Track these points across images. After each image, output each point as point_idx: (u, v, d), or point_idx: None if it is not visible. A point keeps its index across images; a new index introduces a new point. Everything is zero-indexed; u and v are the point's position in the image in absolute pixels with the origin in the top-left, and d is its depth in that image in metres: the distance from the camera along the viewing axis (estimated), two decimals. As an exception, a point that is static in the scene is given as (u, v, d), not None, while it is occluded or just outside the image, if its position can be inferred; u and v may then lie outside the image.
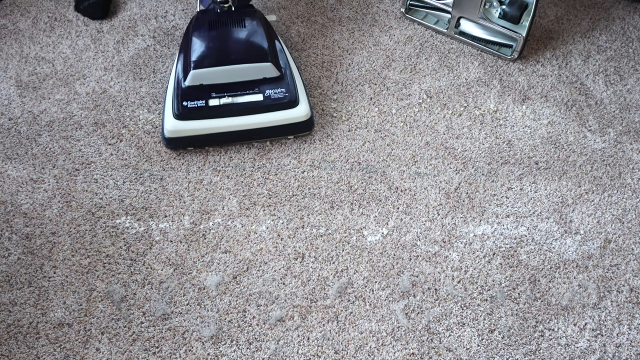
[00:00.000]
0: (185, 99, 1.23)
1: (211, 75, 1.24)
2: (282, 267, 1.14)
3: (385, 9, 1.55)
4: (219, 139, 1.26)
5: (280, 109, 1.25)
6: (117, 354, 1.04)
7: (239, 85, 1.25)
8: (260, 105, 1.24)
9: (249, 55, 1.26)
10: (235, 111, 1.24)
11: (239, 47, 1.28)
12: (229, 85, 1.25)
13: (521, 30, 1.41)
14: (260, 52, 1.26)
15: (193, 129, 1.23)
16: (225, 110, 1.24)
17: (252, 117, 1.24)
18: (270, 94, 1.25)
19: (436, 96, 1.39)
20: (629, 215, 1.22)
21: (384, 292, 1.11)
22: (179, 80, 1.26)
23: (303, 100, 1.27)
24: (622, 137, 1.33)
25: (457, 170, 1.27)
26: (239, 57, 1.25)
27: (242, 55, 1.26)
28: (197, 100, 1.23)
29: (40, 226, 1.18)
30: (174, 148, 1.27)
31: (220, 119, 1.24)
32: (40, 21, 1.50)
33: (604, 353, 1.06)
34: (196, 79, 1.24)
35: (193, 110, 1.23)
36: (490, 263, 1.15)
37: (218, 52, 1.26)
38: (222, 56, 1.25)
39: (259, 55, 1.26)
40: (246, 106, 1.24)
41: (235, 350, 1.05)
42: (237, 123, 1.24)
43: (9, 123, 1.32)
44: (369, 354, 1.05)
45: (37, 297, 1.10)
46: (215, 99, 1.24)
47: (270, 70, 1.26)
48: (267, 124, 1.25)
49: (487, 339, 1.07)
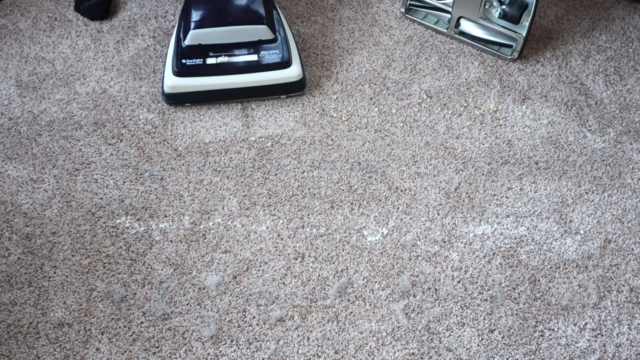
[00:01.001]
0: (185, 57, 1.31)
1: (209, 35, 1.31)
2: (282, 267, 1.14)
3: (385, 9, 1.55)
4: (215, 95, 1.33)
5: (273, 69, 1.32)
6: (117, 354, 1.04)
7: (236, 46, 1.32)
8: (255, 64, 1.31)
9: (246, 17, 1.33)
10: (231, 69, 1.31)
11: (237, 10, 1.35)
12: (226, 45, 1.32)
13: (521, 30, 1.41)
14: (257, 15, 1.34)
15: (191, 85, 1.30)
16: (222, 69, 1.31)
17: (247, 76, 1.31)
18: (264, 54, 1.32)
19: (436, 96, 1.39)
20: (629, 215, 1.22)
21: (384, 292, 1.11)
22: (179, 39, 1.33)
23: (295, 62, 1.34)
24: (622, 137, 1.33)
25: (457, 170, 1.27)
26: (237, 19, 1.32)
27: (240, 17, 1.33)
28: (195, 58, 1.31)
29: (40, 226, 1.18)
30: (173, 103, 1.33)
31: (217, 77, 1.30)
32: (40, 21, 1.50)
33: (604, 353, 1.06)
34: (195, 39, 1.31)
35: (191, 68, 1.30)
36: (490, 263, 1.15)
37: (217, 14, 1.33)
38: (220, 18, 1.32)
39: (255, 18, 1.33)
40: (241, 65, 1.31)
41: (235, 350, 1.05)
42: (233, 81, 1.31)
43: (9, 123, 1.32)
44: (369, 354, 1.05)
45: (37, 297, 1.10)
46: (213, 58, 1.31)
47: (265, 32, 1.33)
48: (261, 83, 1.32)
49: (487, 339, 1.07)
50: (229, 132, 1.31)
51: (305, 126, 1.33)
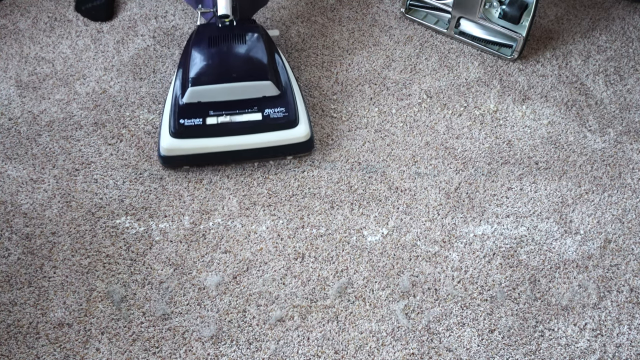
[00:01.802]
0: (183, 116, 1.21)
1: (209, 92, 1.21)
2: (282, 267, 1.14)
3: (385, 9, 1.55)
4: (216, 158, 1.24)
5: (279, 129, 1.22)
6: (117, 354, 1.04)
7: (238, 104, 1.23)
8: (259, 124, 1.21)
9: (249, 73, 1.23)
10: (233, 130, 1.21)
11: (239, 64, 1.24)
12: (228, 103, 1.23)
13: (521, 30, 1.41)
14: (260, 70, 1.23)
15: (189, 148, 1.20)
16: (223, 129, 1.21)
17: (250, 137, 1.22)
18: (269, 113, 1.22)
19: (436, 96, 1.39)
20: (629, 215, 1.22)
21: (384, 292, 1.11)
22: (176, 96, 1.24)
23: (303, 120, 1.24)
24: (622, 137, 1.33)
25: (457, 170, 1.27)
26: (239, 74, 1.22)
27: (242, 72, 1.23)
28: (194, 118, 1.21)
29: (40, 226, 1.18)
30: (170, 166, 1.24)
31: (218, 138, 1.21)
32: (40, 21, 1.50)
33: (604, 353, 1.06)
34: (194, 96, 1.21)
35: (190, 129, 1.20)
36: (490, 263, 1.15)
37: (217, 69, 1.23)
38: (221, 73, 1.22)
39: (259, 73, 1.23)
40: (244, 125, 1.21)
41: (235, 350, 1.05)
42: (235, 143, 1.21)
43: (9, 123, 1.32)
44: (369, 354, 1.05)
45: (37, 297, 1.10)
46: (213, 117, 1.21)
47: (270, 88, 1.23)
48: (265, 144, 1.22)
49: (487, 339, 1.07)
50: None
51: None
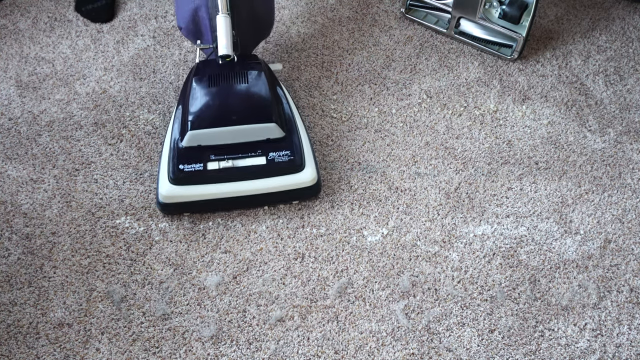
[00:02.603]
0: (182, 161, 1.15)
1: (210, 136, 1.16)
2: (282, 267, 1.14)
3: (385, 9, 1.55)
4: (218, 205, 1.18)
5: (284, 174, 1.16)
6: (117, 354, 1.04)
7: (241, 147, 1.17)
8: (263, 169, 1.16)
9: (252, 115, 1.17)
10: (235, 176, 1.15)
11: (241, 105, 1.19)
12: (230, 146, 1.17)
13: (521, 30, 1.41)
14: (264, 112, 1.18)
15: (190, 195, 1.15)
16: (225, 175, 1.15)
17: (254, 183, 1.16)
18: (274, 156, 1.16)
19: (436, 96, 1.39)
20: (629, 215, 1.22)
21: (384, 292, 1.11)
22: (175, 140, 1.18)
23: (309, 164, 1.18)
24: (622, 137, 1.33)
25: (457, 170, 1.27)
26: (241, 117, 1.16)
27: (244, 115, 1.17)
28: (194, 163, 1.15)
29: (40, 226, 1.18)
30: (170, 214, 1.19)
31: (219, 184, 1.15)
32: (40, 21, 1.50)
33: (604, 353, 1.06)
34: (194, 140, 1.16)
35: (190, 175, 1.14)
36: (490, 263, 1.15)
37: (218, 111, 1.18)
38: (222, 116, 1.17)
39: (262, 115, 1.17)
40: (248, 170, 1.15)
41: (235, 350, 1.05)
42: (238, 189, 1.15)
43: (9, 123, 1.32)
44: (369, 354, 1.05)
45: (37, 297, 1.10)
46: (215, 162, 1.15)
47: (275, 131, 1.17)
48: (270, 190, 1.16)
49: (487, 339, 1.07)
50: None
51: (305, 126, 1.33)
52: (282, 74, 1.41)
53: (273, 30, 1.49)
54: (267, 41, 1.47)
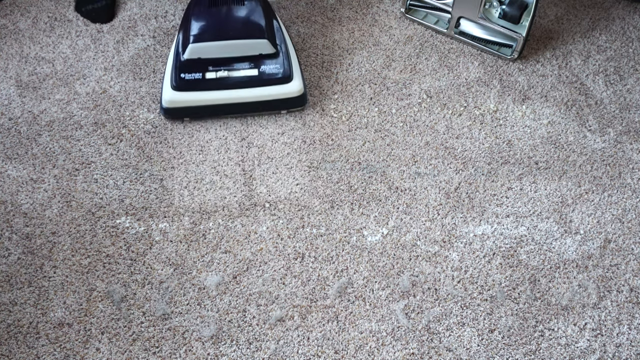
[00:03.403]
0: (183, 71, 1.28)
1: (209, 49, 1.28)
2: (282, 267, 1.14)
3: (385, 9, 1.55)
4: (214, 110, 1.31)
5: (274, 84, 1.30)
6: (117, 354, 1.04)
7: (236, 60, 1.30)
8: (255, 79, 1.29)
9: (246, 31, 1.30)
10: (230, 84, 1.29)
11: (237, 23, 1.32)
12: (226, 59, 1.30)
13: (521, 30, 1.41)
14: (257, 29, 1.31)
15: (189, 100, 1.28)
16: (221, 83, 1.28)
17: (247, 91, 1.29)
18: (265, 69, 1.30)
19: (436, 96, 1.39)
20: (629, 215, 1.22)
21: (384, 292, 1.11)
22: (178, 53, 1.30)
23: (297, 77, 1.31)
24: (622, 137, 1.33)
25: (457, 170, 1.27)
26: (237, 32, 1.30)
27: (240, 31, 1.30)
28: (194, 72, 1.28)
29: (40, 226, 1.18)
30: (171, 118, 1.32)
31: (216, 92, 1.28)
32: (40, 21, 1.50)
33: (604, 353, 1.06)
34: (194, 53, 1.28)
35: (190, 82, 1.28)
36: (490, 263, 1.15)
37: (216, 27, 1.31)
38: (220, 31, 1.30)
39: (255, 31, 1.30)
40: (241, 80, 1.29)
41: (235, 350, 1.05)
42: (232, 96, 1.29)
43: (9, 123, 1.32)
44: (369, 354, 1.05)
45: (37, 297, 1.10)
46: (212, 72, 1.29)
47: (266, 46, 1.30)
48: (261, 98, 1.30)
49: (487, 339, 1.07)
50: (229, 131, 1.31)
51: (305, 126, 1.33)
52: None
53: None
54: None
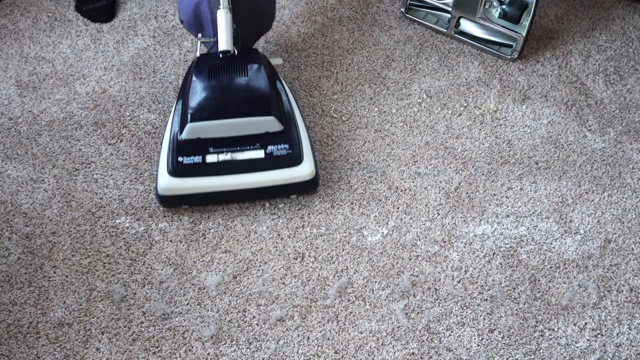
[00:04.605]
0: (181, 153, 1.15)
1: (209, 128, 1.16)
2: (282, 267, 1.14)
3: (385, 9, 1.55)
4: (217, 198, 1.19)
5: (282, 167, 1.16)
6: (117, 353, 1.04)
7: (239, 140, 1.17)
8: (262, 162, 1.16)
9: (251, 108, 1.17)
10: (234, 168, 1.16)
11: (240, 98, 1.19)
12: (229, 139, 1.17)
13: (521, 30, 1.41)
14: (263, 105, 1.18)
15: (189, 187, 1.15)
16: (224, 168, 1.15)
17: (252, 176, 1.16)
18: (272, 150, 1.16)
19: (436, 96, 1.39)
20: (629, 215, 1.22)
21: (384, 292, 1.11)
22: (175, 132, 1.18)
23: (308, 157, 1.18)
24: (622, 137, 1.33)
25: (457, 170, 1.27)
26: (240, 109, 1.17)
27: (244, 107, 1.17)
28: (193, 155, 1.15)
29: (40, 226, 1.18)
30: (169, 206, 1.19)
31: (218, 177, 1.15)
32: (40, 21, 1.50)
33: (604, 353, 1.06)
34: (193, 132, 1.16)
35: (189, 167, 1.14)
36: (490, 263, 1.15)
37: (217, 103, 1.18)
38: (221, 108, 1.17)
39: (261, 108, 1.17)
40: (246, 163, 1.15)
41: (235, 350, 1.05)
42: (236, 182, 1.16)
43: (9, 123, 1.32)
44: (369, 353, 1.05)
45: (37, 297, 1.10)
46: (214, 155, 1.15)
47: (273, 124, 1.17)
48: (268, 183, 1.17)
49: (487, 338, 1.07)
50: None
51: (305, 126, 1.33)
52: (282, 72, 1.41)
53: (273, 30, 1.49)
54: (267, 41, 1.47)
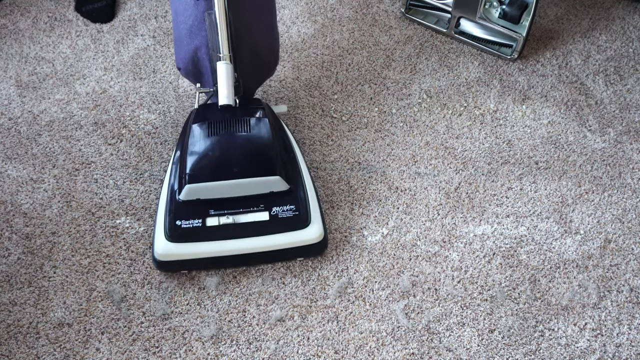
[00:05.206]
0: (179, 217, 1.07)
1: (210, 190, 1.08)
2: (282, 267, 1.14)
3: (385, 9, 1.55)
4: (218, 263, 1.11)
5: (289, 230, 1.09)
6: (117, 354, 1.04)
7: (242, 201, 1.09)
8: (266, 225, 1.08)
9: (255, 167, 1.09)
10: (236, 233, 1.08)
11: (243, 157, 1.10)
12: (231, 200, 1.09)
13: (521, 30, 1.41)
14: (268, 164, 1.10)
15: (187, 253, 1.07)
16: (225, 232, 1.08)
17: (256, 240, 1.08)
18: (277, 211, 1.09)
19: (436, 96, 1.39)
20: (629, 215, 1.22)
21: (384, 292, 1.11)
22: (172, 192, 1.11)
23: (316, 219, 1.10)
24: (622, 137, 1.33)
25: (457, 170, 1.27)
26: (243, 169, 1.08)
27: (247, 167, 1.09)
28: (192, 218, 1.07)
29: (40, 226, 1.18)
30: (166, 271, 1.12)
31: (219, 242, 1.08)
32: (40, 21, 1.50)
33: (604, 353, 1.06)
34: (192, 194, 1.08)
35: (188, 232, 1.07)
36: (490, 263, 1.15)
37: (218, 163, 1.09)
38: (223, 168, 1.09)
39: (266, 167, 1.09)
40: (249, 227, 1.08)
41: (235, 350, 1.05)
42: (239, 247, 1.08)
43: (9, 123, 1.32)
44: (369, 354, 1.05)
45: (37, 297, 1.10)
46: (214, 217, 1.08)
47: (279, 184, 1.10)
48: (273, 248, 1.09)
49: (487, 339, 1.07)
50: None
51: (305, 126, 1.33)
52: (282, 75, 1.41)
53: None
54: (267, 41, 1.47)
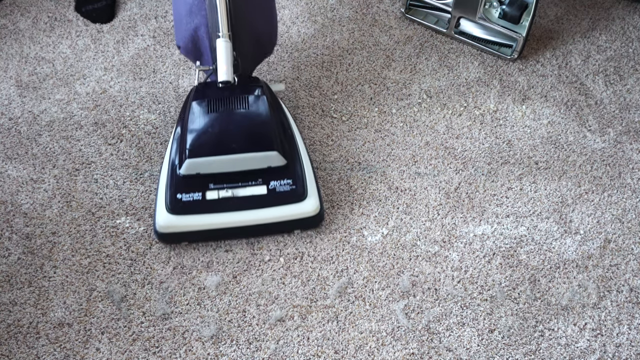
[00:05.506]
0: (180, 190, 1.12)
1: (209, 164, 1.12)
2: (282, 267, 1.14)
3: (385, 9, 1.55)
4: (217, 235, 1.15)
5: (286, 203, 1.13)
6: (117, 354, 1.04)
7: (241, 175, 1.13)
8: (264, 198, 1.12)
9: (253, 142, 1.13)
10: (235, 205, 1.12)
11: (242, 133, 1.14)
12: (230, 175, 1.13)
13: (521, 30, 1.41)
14: (265, 139, 1.13)
15: (188, 225, 1.11)
16: (225, 205, 1.12)
17: (254, 213, 1.12)
18: (275, 185, 1.13)
19: (436, 96, 1.39)
20: (629, 215, 1.22)
21: (384, 292, 1.11)
22: (173, 166, 1.14)
23: (312, 193, 1.14)
24: (622, 137, 1.33)
25: (457, 170, 1.27)
26: (241, 144, 1.12)
27: (245, 142, 1.13)
28: (192, 192, 1.12)
29: (40, 226, 1.18)
30: (167, 243, 1.15)
31: (219, 214, 1.11)
32: (40, 21, 1.50)
33: (604, 353, 1.06)
34: (192, 169, 1.12)
35: (188, 205, 1.11)
36: (490, 263, 1.15)
37: (217, 138, 1.13)
38: (222, 144, 1.13)
39: (263, 142, 1.13)
40: (248, 200, 1.12)
41: (235, 350, 1.05)
42: (238, 219, 1.12)
43: (9, 123, 1.32)
44: (369, 354, 1.05)
45: (37, 297, 1.10)
46: (214, 191, 1.12)
47: (276, 159, 1.13)
48: (271, 220, 1.13)
49: (487, 339, 1.07)
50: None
51: (305, 126, 1.33)
52: (282, 75, 1.41)
53: None
54: (267, 41, 1.47)
